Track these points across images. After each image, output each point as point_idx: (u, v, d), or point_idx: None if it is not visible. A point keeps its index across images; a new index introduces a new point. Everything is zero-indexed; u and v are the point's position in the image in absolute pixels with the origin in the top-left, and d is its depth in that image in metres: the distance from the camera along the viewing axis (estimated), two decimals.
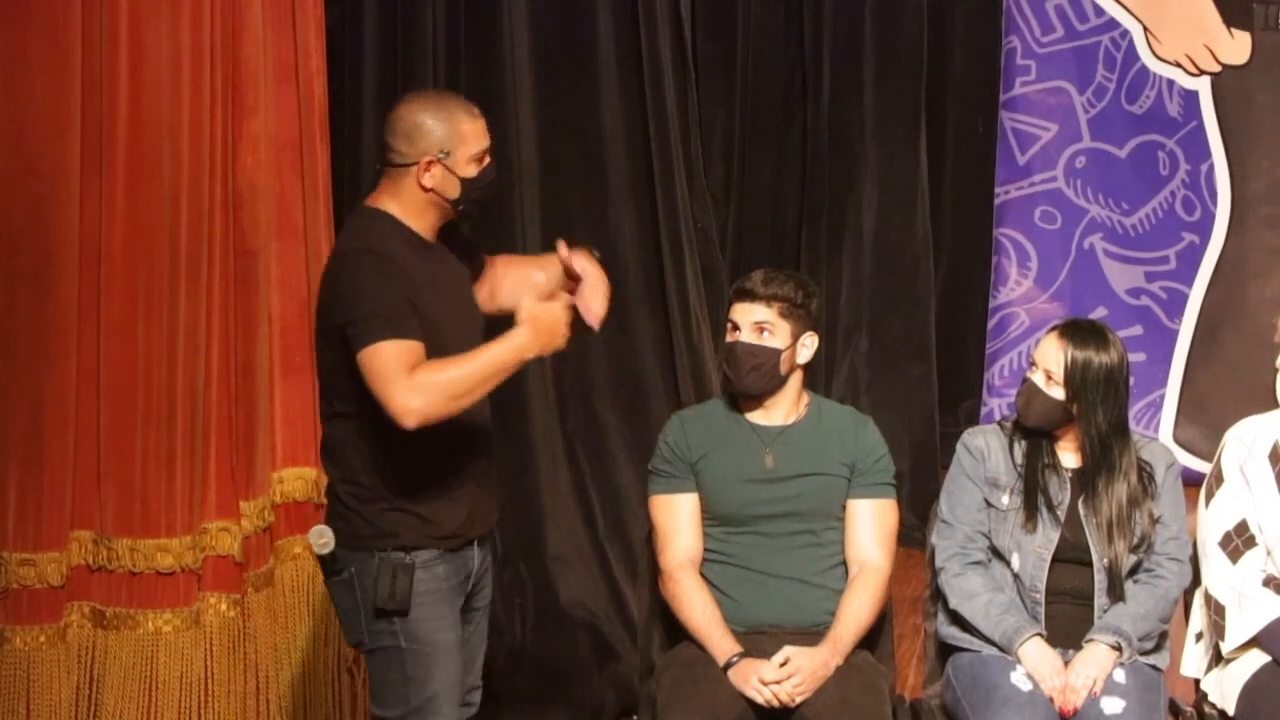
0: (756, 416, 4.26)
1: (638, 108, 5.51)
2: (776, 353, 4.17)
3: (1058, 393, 4.15)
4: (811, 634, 4.15)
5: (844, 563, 4.24)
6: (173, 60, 4.33)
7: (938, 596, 4.26)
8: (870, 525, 4.22)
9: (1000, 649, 4.12)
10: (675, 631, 4.25)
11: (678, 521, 4.23)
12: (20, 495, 4.29)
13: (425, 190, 3.84)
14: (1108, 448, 4.16)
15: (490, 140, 3.90)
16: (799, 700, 4.03)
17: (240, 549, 4.42)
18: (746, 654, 4.09)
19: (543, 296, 3.94)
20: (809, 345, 4.23)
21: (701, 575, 4.21)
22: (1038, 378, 4.18)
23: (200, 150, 4.36)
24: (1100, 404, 4.14)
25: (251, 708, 4.49)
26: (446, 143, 3.83)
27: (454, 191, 3.86)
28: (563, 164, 5.52)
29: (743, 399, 4.26)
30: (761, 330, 4.16)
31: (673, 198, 5.55)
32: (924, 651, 4.48)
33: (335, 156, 4.81)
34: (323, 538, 3.85)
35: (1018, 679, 4.08)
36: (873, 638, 4.25)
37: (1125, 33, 5.93)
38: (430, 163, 3.82)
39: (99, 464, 4.34)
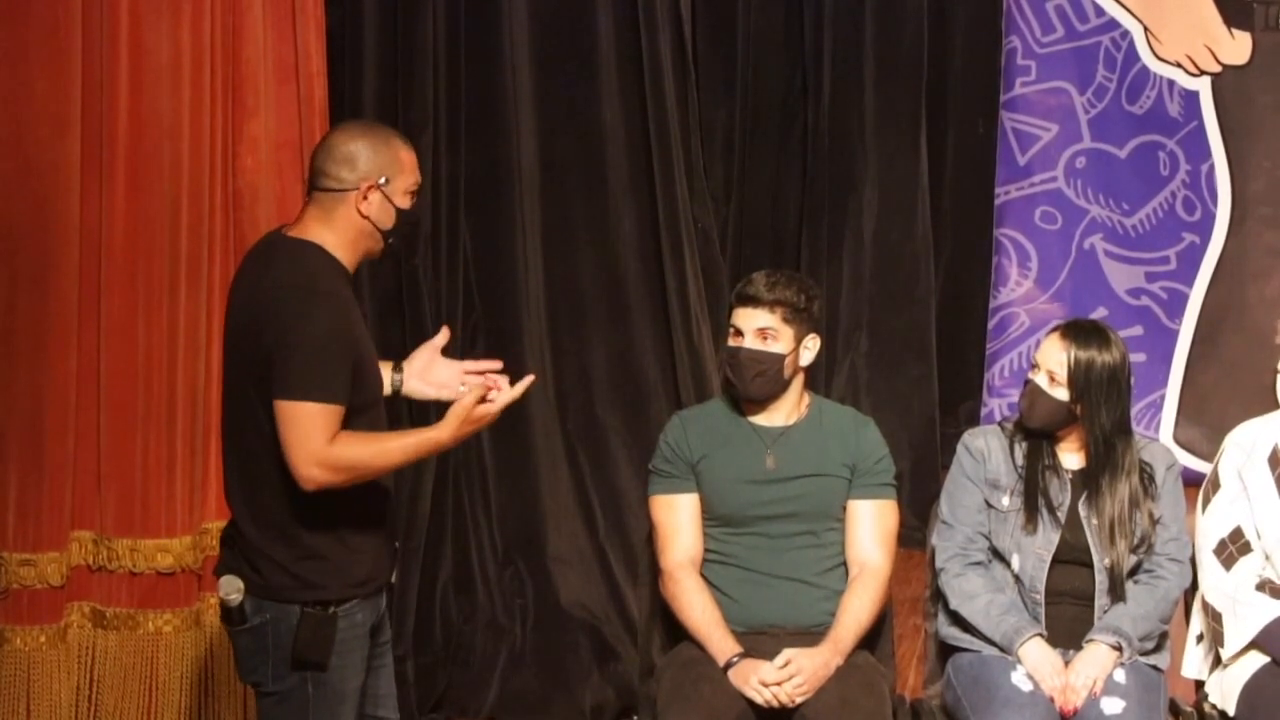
0: (758, 417, 4.26)
1: (638, 108, 5.51)
2: (780, 358, 4.17)
3: (1061, 394, 4.15)
4: (812, 634, 4.15)
5: (844, 563, 4.24)
6: (173, 61, 4.34)
7: (938, 597, 4.26)
8: (871, 526, 4.22)
9: (1001, 649, 4.12)
10: (675, 632, 4.25)
11: (678, 522, 4.23)
12: (20, 495, 4.29)
13: (362, 218, 3.69)
14: (1111, 447, 4.16)
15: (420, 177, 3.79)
16: (799, 701, 4.03)
17: None
18: (747, 654, 4.09)
19: (478, 394, 3.73)
20: (811, 348, 4.23)
21: (702, 576, 4.21)
22: (1040, 379, 4.18)
23: (200, 151, 4.37)
24: (1104, 404, 4.13)
25: (252, 707, 4.49)
26: (387, 170, 3.69)
27: (388, 222, 3.72)
28: (563, 164, 5.51)
29: (745, 401, 4.26)
30: (765, 336, 4.16)
31: (673, 198, 5.55)
32: (924, 652, 4.48)
33: None
34: (233, 589, 3.66)
35: (1018, 679, 4.07)
36: (873, 638, 4.25)
37: (1125, 33, 5.92)
38: (370, 188, 3.68)
39: (99, 464, 4.35)
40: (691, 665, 4.13)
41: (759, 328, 4.16)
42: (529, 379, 3.77)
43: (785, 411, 4.25)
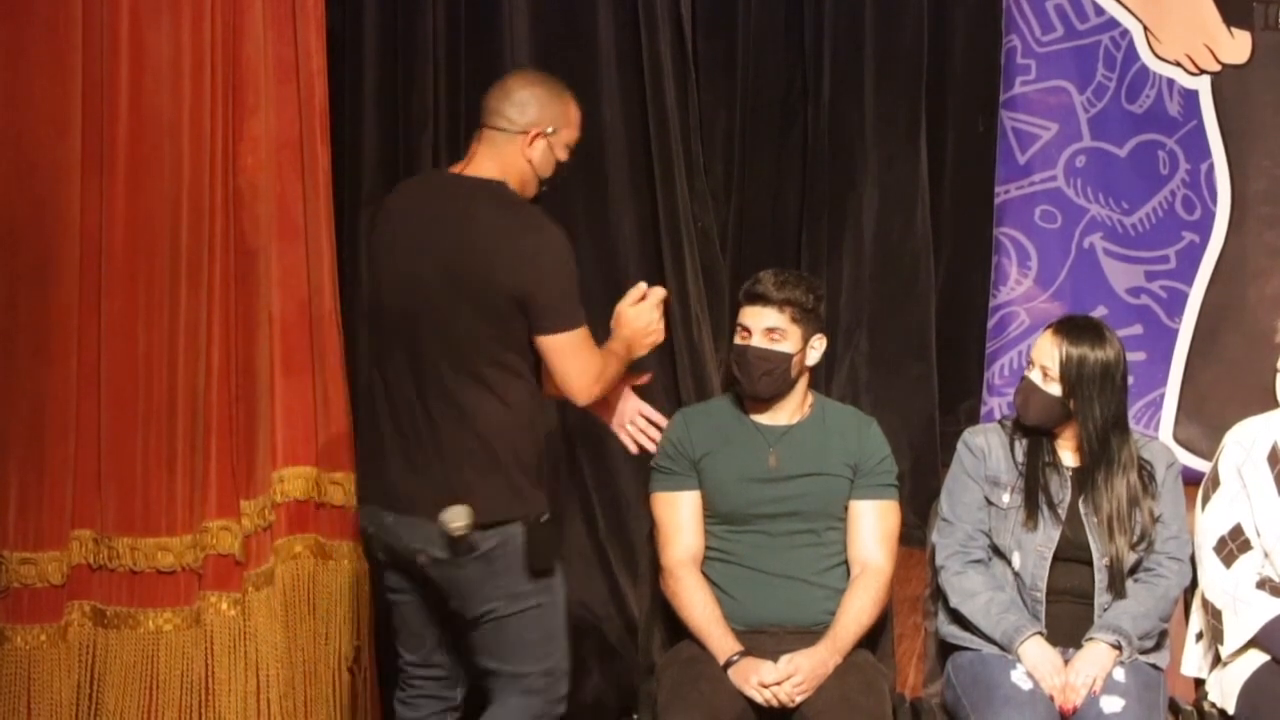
0: (761, 416, 4.26)
1: (638, 108, 5.51)
2: (788, 357, 4.17)
3: (1055, 389, 4.16)
4: (812, 633, 4.15)
5: (845, 563, 4.24)
6: (173, 60, 4.33)
7: (938, 595, 4.26)
8: (873, 526, 4.22)
9: (1000, 648, 4.12)
10: (676, 630, 4.25)
11: (679, 519, 4.24)
12: (21, 494, 4.29)
13: (525, 162, 3.96)
14: (1106, 443, 4.16)
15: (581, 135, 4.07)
16: (799, 700, 4.03)
17: (241, 548, 4.42)
18: (747, 653, 4.09)
19: (632, 300, 4.12)
20: (817, 347, 4.23)
21: (702, 573, 4.21)
22: (1035, 375, 4.19)
23: (201, 150, 4.36)
24: (1096, 399, 4.14)
25: (252, 707, 4.49)
26: (556, 121, 3.98)
27: (547, 170, 4.00)
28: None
29: (749, 399, 4.26)
30: (773, 335, 4.16)
31: (673, 198, 5.55)
32: (924, 650, 4.48)
33: (335, 156, 4.80)
34: (461, 518, 3.89)
35: (1018, 678, 4.08)
36: (873, 637, 4.25)
37: (1125, 32, 5.93)
38: (537, 135, 3.95)
39: (99, 463, 4.34)
40: (692, 664, 4.13)
41: (767, 327, 4.16)
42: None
43: (789, 410, 4.25)
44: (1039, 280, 5.92)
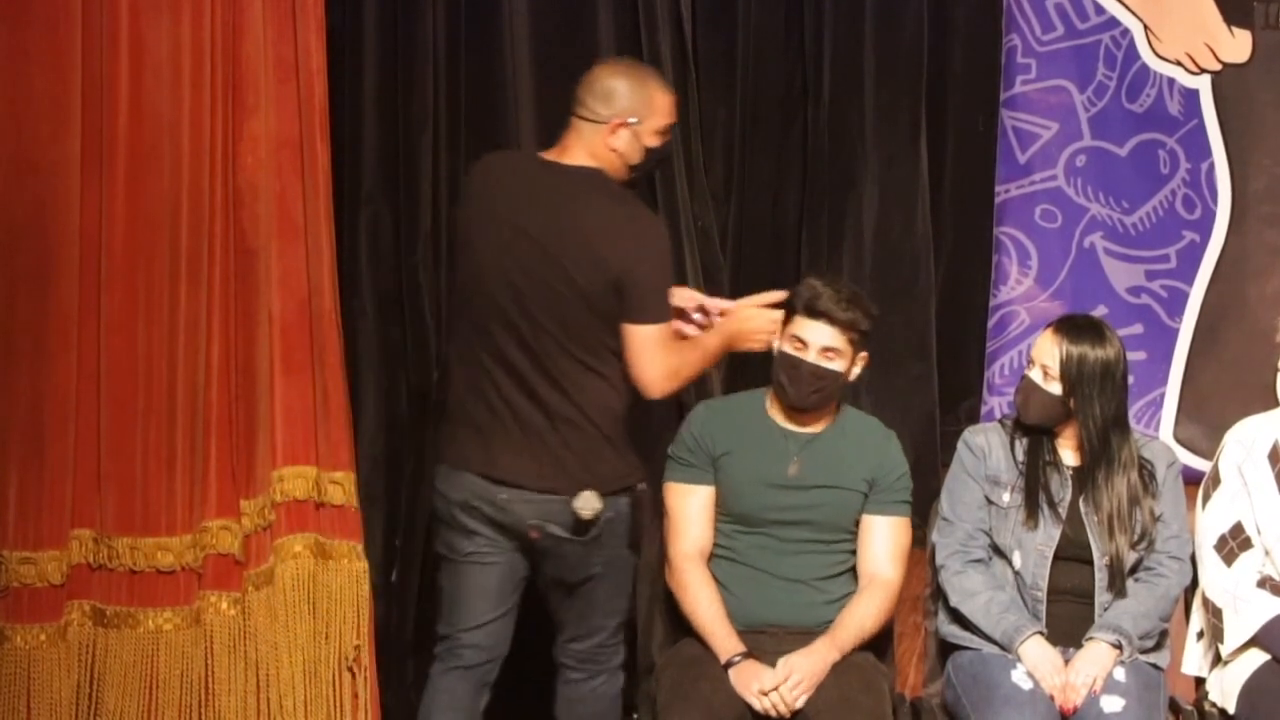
0: (786, 420, 4.25)
1: None
2: (840, 376, 4.17)
3: (1055, 388, 4.16)
4: (812, 635, 4.15)
5: (850, 571, 4.23)
6: (173, 60, 4.33)
7: (938, 595, 4.26)
8: (885, 542, 4.22)
9: (1001, 647, 4.12)
10: (676, 625, 4.25)
11: (690, 512, 4.22)
12: (20, 494, 4.29)
13: (610, 150, 4.10)
14: (1106, 442, 4.16)
15: (675, 118, 4.20)
16: (799, 704, 4.02)
17: (241, 547, 4.42)
18: (749, 654, 4.08)
19: (758, 301, 4.25)
20: (860, 364, 4.22)
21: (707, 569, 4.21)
22: (1035, 374, 4.19)
23: (200, 149, 4.36)
24: (1097, 397, 4.14)
25: (252, 706, 4.49)
26: (639, 110, 4.10)
27: (635, 157, 4.13)
28: None
29: (789, 408, 4.23)
30: (829, 354, 4.14)
31: (673, 196, 5.55)
32: (924, 650, 4.48)
33: (335, 156, 4.80)
34: (594, 505, 4.11)
35: (1018, 677, 4.08)
36: (874, 638, 4.25)
37: (1125, 31, 5.92)
38: (619, 125, 4.08)
39: (99, 462, 4.34)
40: (691, 664, 4.13)
41: (825, 346, 4.14)
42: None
43: (816, 419, 4.24)
44: (1039, 280, 5.92)
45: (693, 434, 4.26)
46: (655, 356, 4.09)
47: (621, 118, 4.10)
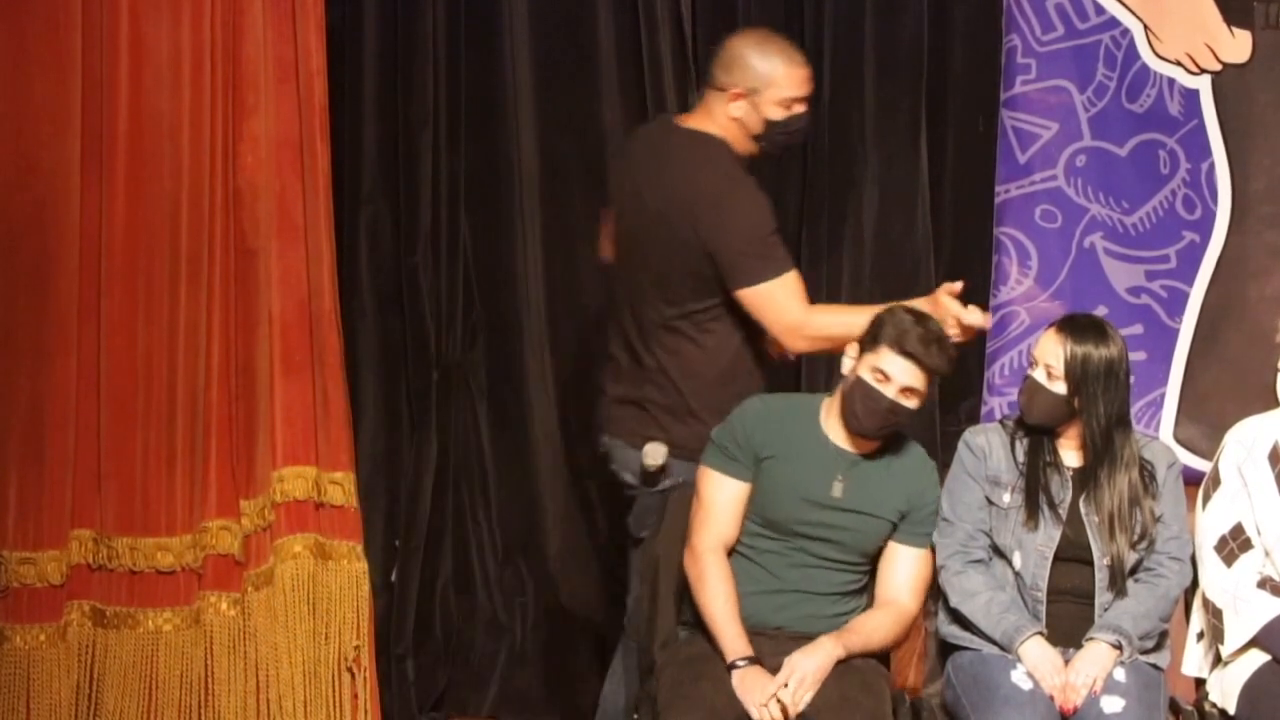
0: (839, 438, 4.22)
1: (638, 108, 5.50)
2: (912, 413, 4.15)
3: (1059, 388, 4.15)
4: (811, 640, 4.13)
5: (858, 591, 4.21)
6: (173, 60, 4.34)
7: (938, 595, 4.26)
8: (909, 571, 4.20)
9: (1001, 647, 4.12)
10: (680, 616, 4.24)
11: (723, 504, 4.17)
12: (20, 494, 4.29)
13: (730, 119, 4.17)
14: (1109, 441, 4.16)
15: (807, 93, 4.26)
16: (803, 705, 4.02)
17: (240, 548, 4.43)
18: (755, 660, 4.06)
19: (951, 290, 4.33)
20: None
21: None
22: (1039, 374, 4.18)
23: (200, 150, 4.37)
24: (1101, 396, 4.14)
25: (252, 706, 4.50)
26: (758, 81, 4.18)
27: (756, 128, 4.21)
28: (563, 164, 5.51)
29: (851, 431, 4.18)
30: (909, 393, 4.11)
31: None
32: (924, 650, 4.48)
33: (335, 156, 4.81)
34: (657, 458, 4.25)
35: (1018, 678, 4.07)
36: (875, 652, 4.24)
37: (1126, 31, 5.90)
38: (738, 95, 4.16)
39: (99, 463, 4.35)
40: (691, 663, 4.12)
41: (908, 386, 4.10)
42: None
43: (871, 444, 4.22)
44: (1039, 280, 5.89)
45: (744, 428, 4.18)
46: (766, 315, 4.19)
47: (739, 87, 4.18)
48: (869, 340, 4.13)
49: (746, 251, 4.18)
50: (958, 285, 4.36)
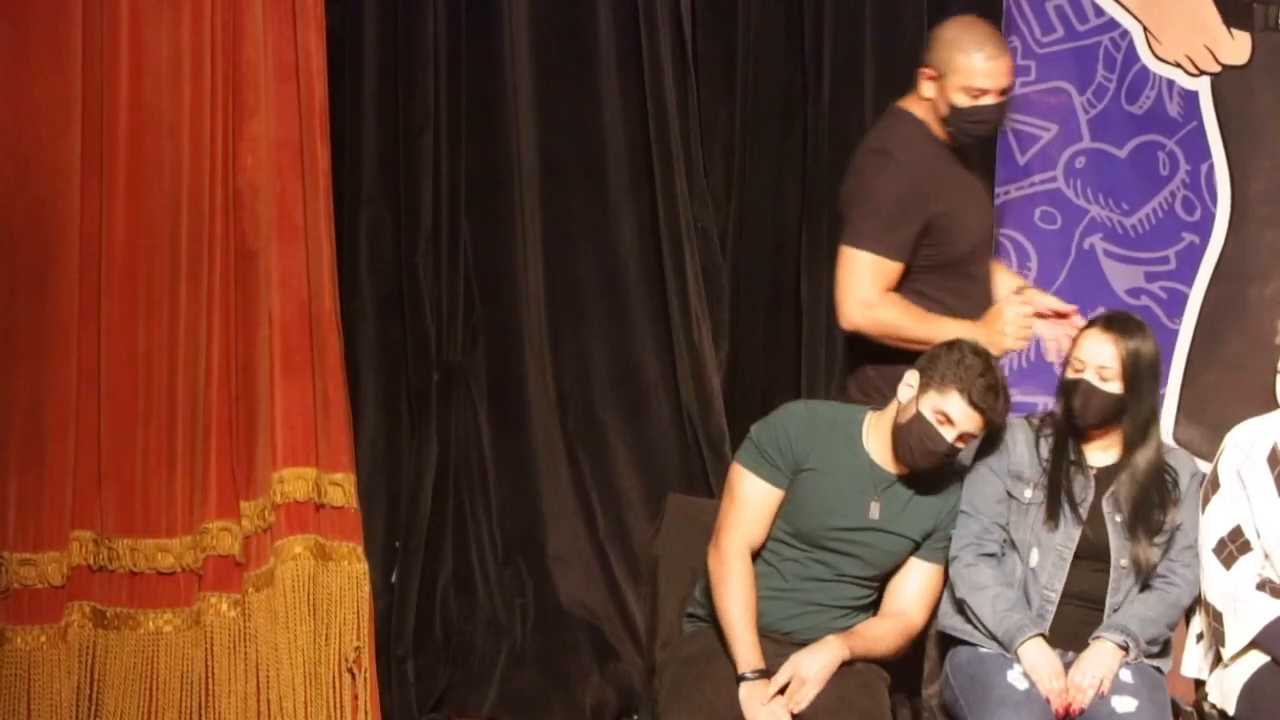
0: (882, 457, 4.17)
1: (638, 108, 5.51)
2: (958, 452, 4.14)
3: (1114, 388, 4.10)
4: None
5: (870, 606, 4.20)
6: (173, 60, 4.34)
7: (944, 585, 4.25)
8: (920, 587, 4.18)
9: (1001, 645, 4.11)
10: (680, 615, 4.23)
11: (753, 505, 4.12)
12: (21, 495, 4.29)
13: (923, 98, 4.28)
14: (1146, 436, 4.14)
15: (998, 84, 4.26)
16: (805, 705, 4.01)
17: (241, 549, 4.43)
18: (765, 674, 4.04)
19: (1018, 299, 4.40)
20: None
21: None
22: (1089, 376, 4.12)
23: (200, 150, 4.37)
24: (1146, 391, 4.13)
25: (252, 708, 4.49)
26: (944, 65, 4.25)
27: (944, 110, 4.26)
28: (563, 164, 5.51)
29: (900, 462, 4.13)
30: (965, 439, 4.08)
31: (673, 198, 5.55)
32: (924, 650, 4.47)
33: (335, 156, 4.81)
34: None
35: (1014, 677, 4.07)
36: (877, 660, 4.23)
37: (1125, 33, 5.90)
38: (930, 76, 4.25)
39: (99, 464, 4.35)
40: (692, 663, 4.11)
41: (967, 432, 4.06)
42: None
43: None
44: (1039, 281, 5.88)
45: (786, 433, 4.13)
46: (843, 279, 4.23)
47: (932, 67, 4.26)
48: (935, 377, 4.05)
49: (865, 214, 4.23)
50: (1025, 281, 4.55)
